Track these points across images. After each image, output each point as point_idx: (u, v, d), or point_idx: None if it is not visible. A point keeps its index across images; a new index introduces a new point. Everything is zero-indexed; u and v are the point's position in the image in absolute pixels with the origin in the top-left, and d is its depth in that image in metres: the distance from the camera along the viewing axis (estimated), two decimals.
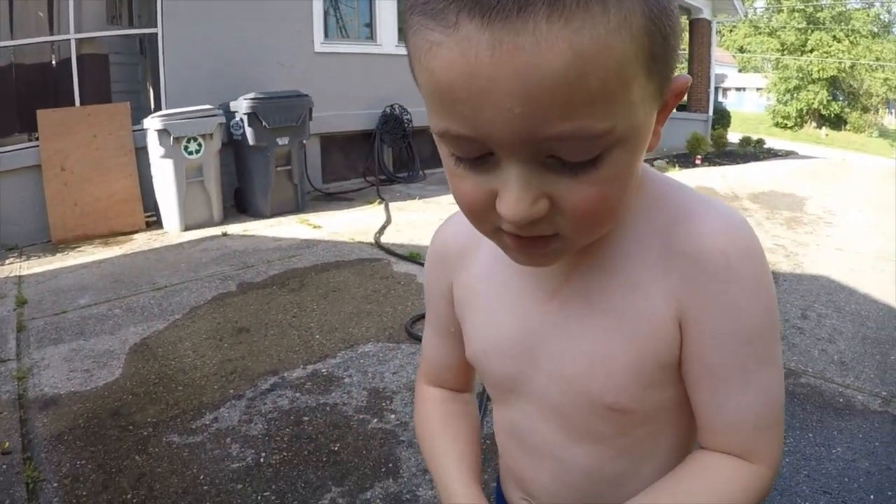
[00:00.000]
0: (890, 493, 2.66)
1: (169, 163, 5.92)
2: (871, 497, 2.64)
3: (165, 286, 4.57)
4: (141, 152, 6.21)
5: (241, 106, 6.32)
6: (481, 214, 0.65)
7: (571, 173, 0.58)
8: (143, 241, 5.76)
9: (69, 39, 6.39)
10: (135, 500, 2.45)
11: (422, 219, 6.70)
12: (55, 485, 2.52)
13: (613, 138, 0.57)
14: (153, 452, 2.74)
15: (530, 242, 0.65)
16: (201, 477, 2.60)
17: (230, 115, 6.45)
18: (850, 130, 40.21)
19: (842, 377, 3.64)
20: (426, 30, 0.54)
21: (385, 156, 8.73)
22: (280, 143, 6.55)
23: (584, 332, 0.79)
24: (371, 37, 8.92)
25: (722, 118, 19.22)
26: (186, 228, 6.09)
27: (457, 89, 0.54)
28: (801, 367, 3.75)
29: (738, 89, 51.33)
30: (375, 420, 3.04)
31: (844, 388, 3.52)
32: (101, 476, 2.58)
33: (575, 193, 0.60)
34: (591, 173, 0.58)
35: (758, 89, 47.61)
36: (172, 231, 6.10)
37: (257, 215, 6.69)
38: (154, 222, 6.28)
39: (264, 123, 6.35)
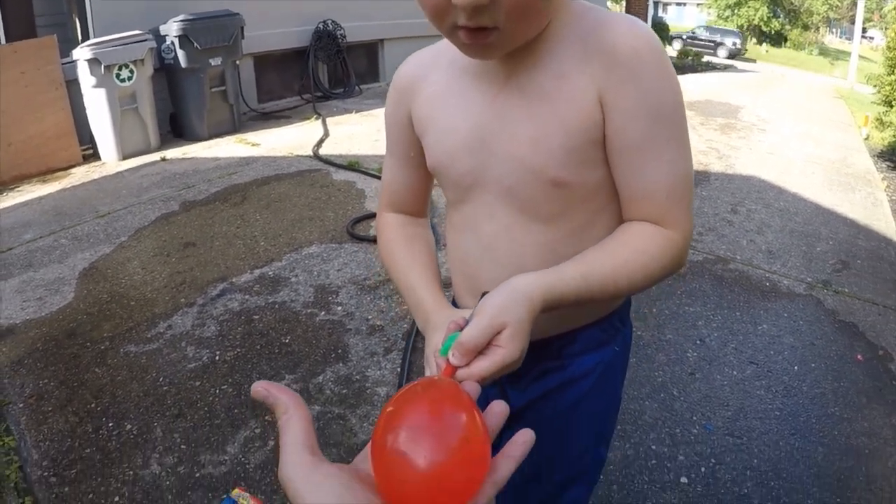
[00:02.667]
0: (813, 365, 2.89)
1: (101, 92, 5.79)
2: (796, 368, 2.86)
3: (108, 213, 4.56)
4: (72, 85, 6.01)
5: (172, 29, 6.15)
6: (441, 13, 0.82)
7: None
8: (81, 174, 5.67)
9: None
10: (99, 408, 2.55)
11: (359, 131, 6.71)
12: (21, 405, 2.59)
13: None
14: (112, 363, 2.82)
15: (477, 34, 0.82)
16: (160, 379, 2.71)
17: (161, 39, 6.27)
18: (790, 48, 40.46)
19: (769, 264, 3.85)
20: None
21: (320, 72, 8.54)
22: (213, 63, 6.40)
23: (526, 118, 0.94)
24: None
25: (660, 32, 19.27)
26: (124, 157, 5.98)
27: None
28: (730, 254, 3.96)
29: (678, 4, 51.15)
30: (323, 313, 3.17)
31: (771, 273, 3.73)
32: (64, 391, 2.66)
33: None
34: None
35: (698, 4, 47.49)
36: (110, 161, 5.99)
37: (195, 138, 6.58)
38: (91, 155, 6.14)
39: (196, 45, 6.20)
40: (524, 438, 0.59)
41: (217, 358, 2.84)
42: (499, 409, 0.62)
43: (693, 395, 2.66)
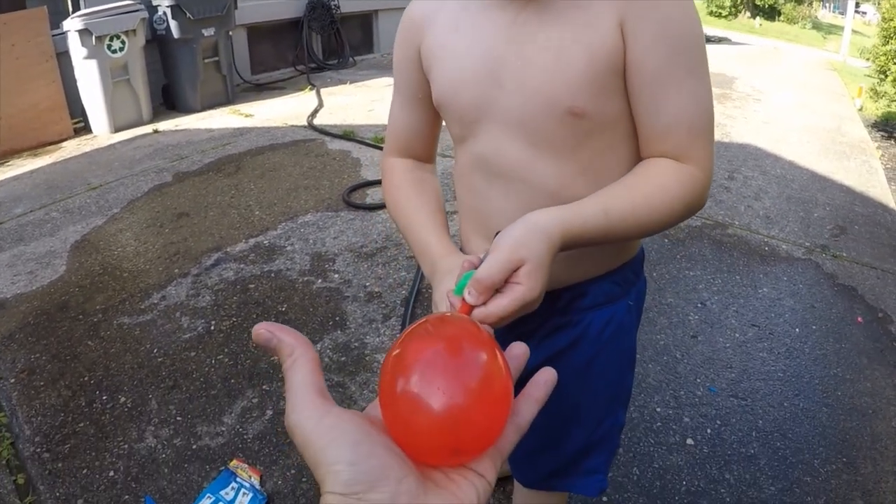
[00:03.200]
0: (814, 327, 2.87)
1: (93, 64, 5.69)
2: (797, 330, 2.85)
3: (100, 185, 4.50)
4: (63, 57, 5.91)
5: None
6: None
7: None
8: (72, 148, 5.59)
9: None
10: (92, 382, 2.51)
11: (354, 101, 6.65)
12: (12, 381, 2.55)
13: None
14: (105, 336, 2.78)
15: None
16: (155, 351, 2.67)
17: (152, 9, 6.15)
18: (783, 21, 40.09)
19: (767, 229, 3.83)
20: None
21: (314, 44, 8.46)
22: (206, 34, 6.29)
23: (543, 43, 0.90)
24: None
25: None
26: (116, 130, 5.90)
27: None
28: (728, 220, 3.93)
29: None
30: (320, 280, 3.13)
31: (770, 238, 3.71)
32: (56, 365, 2.62)
33: None
34: None
35: None
36: (102, 134, 5.91)
37: (187, 110, 6.51)
38: (82, 128, 6.06)
39: (188, 15, 6.08)
40: (545, 377, 0.53)
41: (212, 328, 2.80)
42: (519, 351, 0.55)
43: (696, 358, 2.64)
